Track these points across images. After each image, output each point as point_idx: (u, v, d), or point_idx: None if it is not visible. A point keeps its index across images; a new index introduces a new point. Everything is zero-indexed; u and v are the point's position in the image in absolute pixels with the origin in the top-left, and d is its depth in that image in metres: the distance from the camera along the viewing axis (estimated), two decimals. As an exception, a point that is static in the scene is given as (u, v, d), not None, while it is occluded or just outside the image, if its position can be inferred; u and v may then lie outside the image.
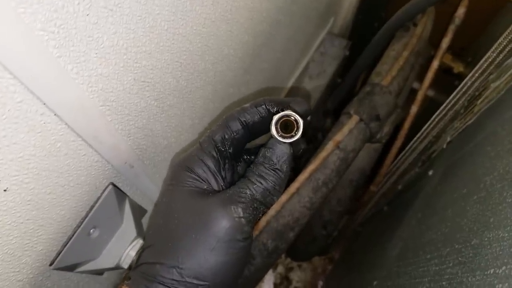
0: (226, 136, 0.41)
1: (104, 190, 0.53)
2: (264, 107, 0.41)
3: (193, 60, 0.56)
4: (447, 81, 1.29)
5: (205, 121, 0.73)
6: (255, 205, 0.38)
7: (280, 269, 1.67)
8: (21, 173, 0.38)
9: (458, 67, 1.17)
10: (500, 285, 0.36)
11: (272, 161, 0.39)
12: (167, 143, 0.63)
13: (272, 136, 0.39)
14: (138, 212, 0.62)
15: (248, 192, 0.38)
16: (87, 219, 0.52)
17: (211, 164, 0.41)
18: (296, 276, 1.67)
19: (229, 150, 0.42)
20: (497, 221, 0.43)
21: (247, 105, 0.42)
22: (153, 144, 0.59)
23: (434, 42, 1.13)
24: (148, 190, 0.65)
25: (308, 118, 0.41)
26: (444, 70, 1.23)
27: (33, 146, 0.37)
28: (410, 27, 1.00)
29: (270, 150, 0.39)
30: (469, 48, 1.31)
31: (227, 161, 0.42)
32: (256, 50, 0.77)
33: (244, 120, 0.41)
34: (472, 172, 0.61)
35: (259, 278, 0.81)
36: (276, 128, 0.38)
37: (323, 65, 1.13)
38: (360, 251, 1.25)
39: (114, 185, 0.54)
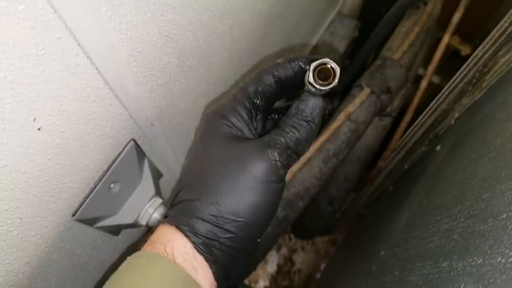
0: (259, 89, 0.42)
1: (125, 145, 0.54)
2: (297, 63, 0.42)
3: (213, 21, 0.58)
4: (454, 67, 1.30)
5: (219, 89, 0.74)
6: (289, 152, 0.40)
7: (284, 251, 1.69)
8: (54, 114, 0.39)
9: (465, 50, 1.18)
10: (513, 225, 0.37)
11: (305, 112, 0.41)
12: (184, 106, 0.64)
13: (308, 84, 0.40)
14: (155, 172, 0.63)
15: (282, 140, 0.40)
16: (108, 172, 0.53)
17: (244, 114, 0.42)
18: (300, 258, 1.69)
19: (261, 103, 0.43)
20: (509, 173, 0.45)
21: (280, 60, 0.43)
22: (172, 105, 0.60)
23: (443, 23, 1.14)
24: (164, 153, 0.66)
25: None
26: (451, 53, 1.24)
27: (66, 87, 0.39)
28: (420, 5, 1.02)
29: (304, 102, 0.41)
30: (476, 32, 1.32)
31: (258, 112, 0.43)
32: (271, 21, 0.78)
33: (277, 75, 0.42)
34: (481, 138, 0.63)
35: (268, 246, 0.83)
36: (314, 76, 0.39)
37: (333, 45, 1.14)
38: (365, 231, 1.27)
39: (135, 142, 0.56)
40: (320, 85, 0.39)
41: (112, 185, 0.55)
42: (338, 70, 0.39)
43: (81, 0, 0.34)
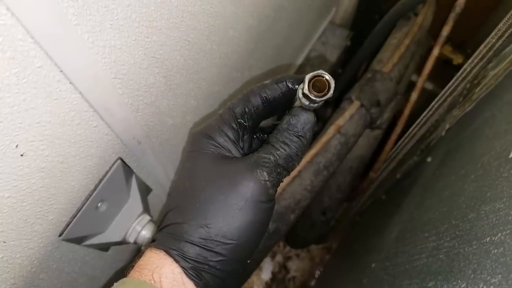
0: (246, 110, 0.42)
1: (112, 164, 0.54)
2: (285, 84, 0.42)
3: (200, 40, 0.58)
4: (446, 74, 1.31)
5: (209, 104, 0.74)
6: (279, 170, 0.39)
7: (279, 258, 1.69)
8: (37, 139, 0.39)
9: (457, 59, 1.18)
10: (496, 250, 0.37)
11: (296, 128, 0.40)
12: (172, 122, 0.64)
13: (302, 97, 0.39)
14: (144, 189, 0.63)
15: (272, 158, 0.39)
16: (95, 192, 0.53)
17: (230, 134, 0.42)
18: (294, 265, 1.69)
19: (248, 124, 0.43)
20: (494, 194, 0.45)
21: (268, 81, 0.43)
22: (160, 122, 0.60)
23: (434, 34, 1.14)
24: (153, 169, 0.66)
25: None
26: (443, 62, 1.24)
27: (49, 113, 0.39)
28: (411, 16, 1.02)
29: (295, 117, 0.40)
30: (469, 41, 1.32)
31: (245, 132, 0.43)
32: (260, 35, 0.78)
33: (265, 96, 0.42)
34: (470, 154, 0.63)
35: (259, 259, 0.83)
36: (309, 87, 0.38)
37: (325, 55, 1.14)
38: (357, 239, 1.27)
39: (122, 160, 0.56)
40: (315, 96, 0.39)
41: (99, 204, 0.55)
42: (333, 82, 0.39)
43: (62, 30, 0.34)
